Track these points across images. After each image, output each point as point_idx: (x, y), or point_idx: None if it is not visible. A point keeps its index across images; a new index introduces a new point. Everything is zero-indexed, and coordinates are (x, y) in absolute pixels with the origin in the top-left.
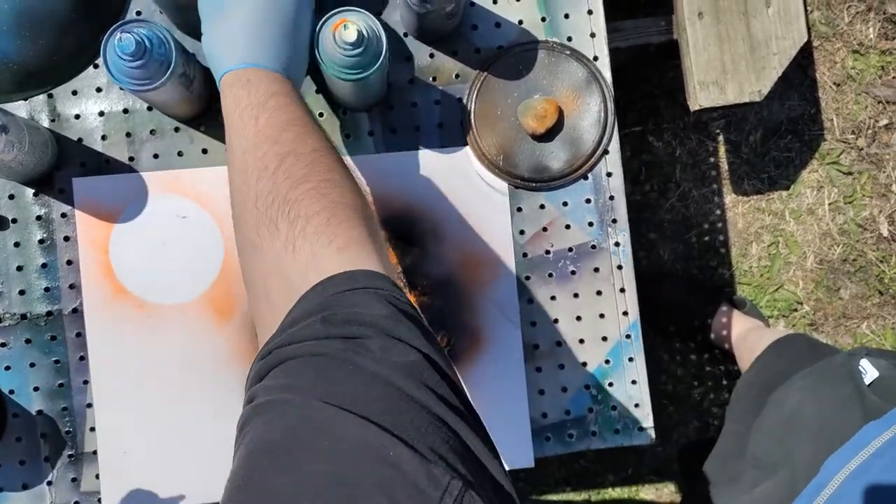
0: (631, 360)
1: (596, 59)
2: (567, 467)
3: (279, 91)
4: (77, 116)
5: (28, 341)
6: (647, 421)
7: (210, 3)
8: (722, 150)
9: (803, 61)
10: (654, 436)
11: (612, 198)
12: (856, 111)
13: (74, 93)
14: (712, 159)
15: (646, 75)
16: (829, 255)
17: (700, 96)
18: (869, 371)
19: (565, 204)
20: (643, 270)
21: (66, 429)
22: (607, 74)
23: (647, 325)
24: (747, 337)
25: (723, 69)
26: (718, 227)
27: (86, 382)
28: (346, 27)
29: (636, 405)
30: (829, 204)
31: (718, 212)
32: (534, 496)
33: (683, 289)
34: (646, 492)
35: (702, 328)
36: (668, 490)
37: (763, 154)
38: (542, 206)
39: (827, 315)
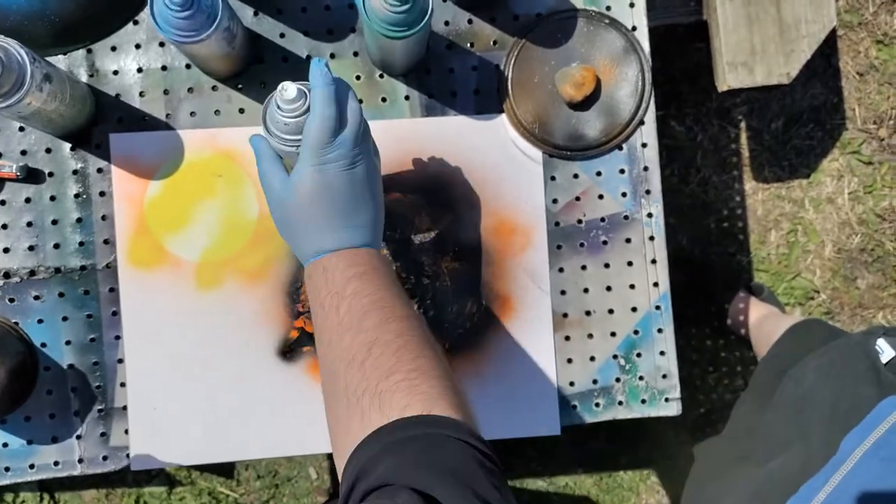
0: (660, 331)
1: (634, 28)
2: (579, 448)
3: (357, 273)
4: (115, 72)
5: (61, 295)
6: (675, 392)
7: (274, 191)
8: (744, 136)
9: (827, 50)
10: (681, 407)
11: (646, 168)
12: (878, 101)
13: (114, 48)
14: (734, 146)
15: (670, 59)
16: (848, 244)
17: (729, 77)
18: (886, 350)
19: (599, 174)
20: None
21: (97, 383)
22: (645, 45)
23: None
24: (764, 323)
25: (752, 51)
26: (738, 214)
27: (118, 338)
28: None
29: (664, 376)
30: (849, 193)
31: (738, 198)
32: (545, 476)
33: (701, 274)
34: (658, 475)
35: (718, 314)
36: (680, 473)
37: (784, 142)
38: (575, 176)
39: (843, 304)
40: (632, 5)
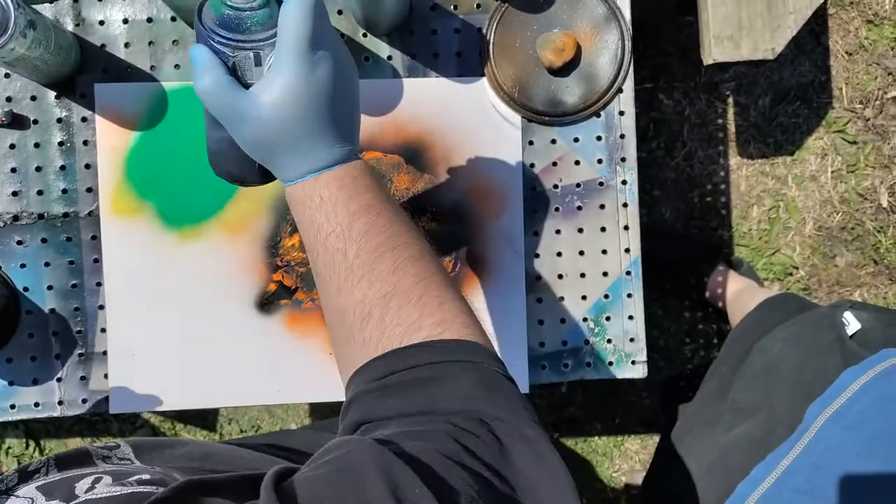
0: (630, 296)
1: None
2: (556, 414)
3: (361, 206)
4: (101, 22)
5: (44, 241)
6: (641, 355)
7: (249, 103)
8: (731, 112)
9: (817, 28)
10: (646, 370)
11: (622, 136)
12: (865, 81)
13: None
14: (720, 121)
15: (660, 32)
16: (828, 222)
17: (715, 51)
18: (851, 323)
19: (576, 140)
20: (643, 227)
21: (78, 328)
22: (627, 13)
23: (644, 280)
24: (740, 296)
25: (739, 25)
26: (721, 189)
27: (99, 284)
28: None
29: (631, 339)
30: (832, 172)
31: (722, 173)
32: None
33: (682, 247)
34: (631, 442)
35: (697, 286)
36: (654, 441)
37: (771, 118)
38: (553, 141)
39: (821, 281)
40: None
